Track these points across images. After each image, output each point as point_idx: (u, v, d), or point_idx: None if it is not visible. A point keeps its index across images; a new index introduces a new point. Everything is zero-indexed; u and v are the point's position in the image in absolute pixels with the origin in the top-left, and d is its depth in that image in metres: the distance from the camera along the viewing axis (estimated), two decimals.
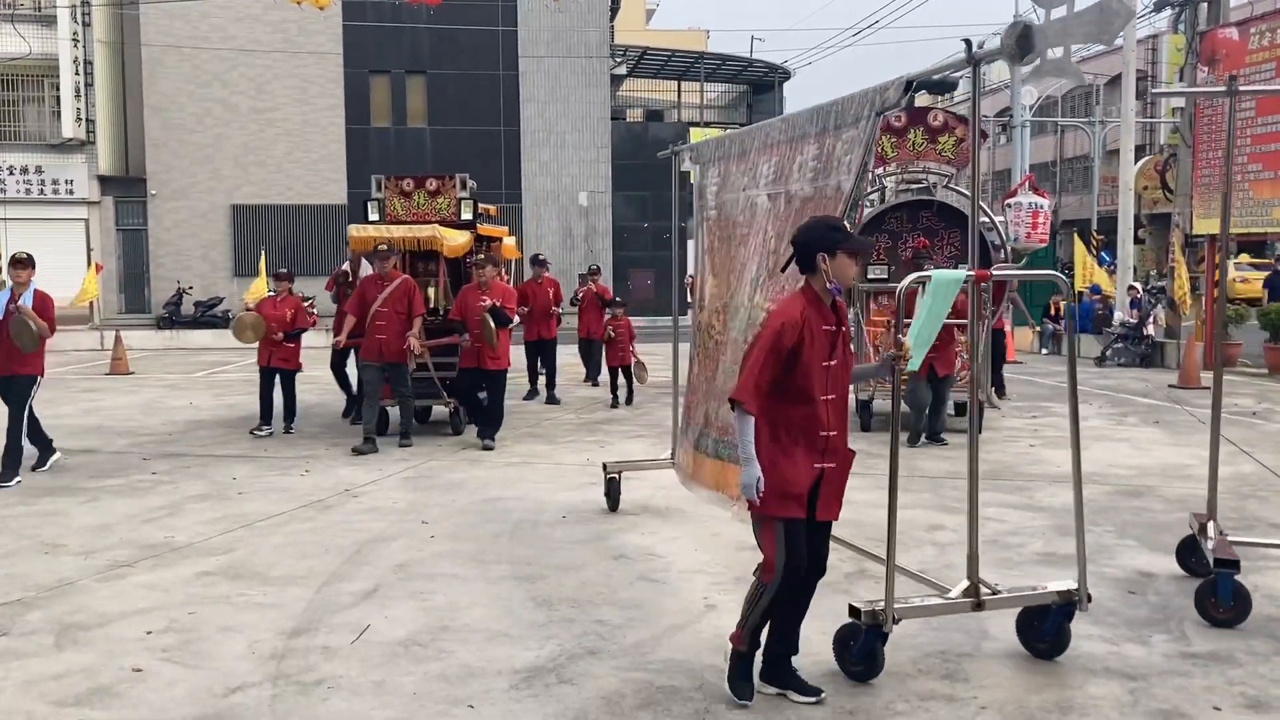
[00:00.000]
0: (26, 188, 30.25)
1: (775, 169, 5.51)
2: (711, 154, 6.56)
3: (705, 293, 6.45)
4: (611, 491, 7.34)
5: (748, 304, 5.61)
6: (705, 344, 6.35)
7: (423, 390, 10.43)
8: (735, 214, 6.00)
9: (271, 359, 10.59)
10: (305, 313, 10.87)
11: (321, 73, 31.34)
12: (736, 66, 39.80)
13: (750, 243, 5.72)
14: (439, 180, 10.86)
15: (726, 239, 6.11)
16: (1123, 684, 4.24)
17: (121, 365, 17.23)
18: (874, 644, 4.24)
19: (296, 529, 6.88)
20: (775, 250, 5.31)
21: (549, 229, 32.71)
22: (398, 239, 10.07)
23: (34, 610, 5.25)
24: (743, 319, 5.63)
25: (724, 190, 6.24)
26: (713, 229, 6.40)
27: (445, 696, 4.17)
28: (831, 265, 3.98)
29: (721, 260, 6.19)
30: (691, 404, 6.52)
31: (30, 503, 7.67)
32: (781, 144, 5.48)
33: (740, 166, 6.02)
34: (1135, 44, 21.07)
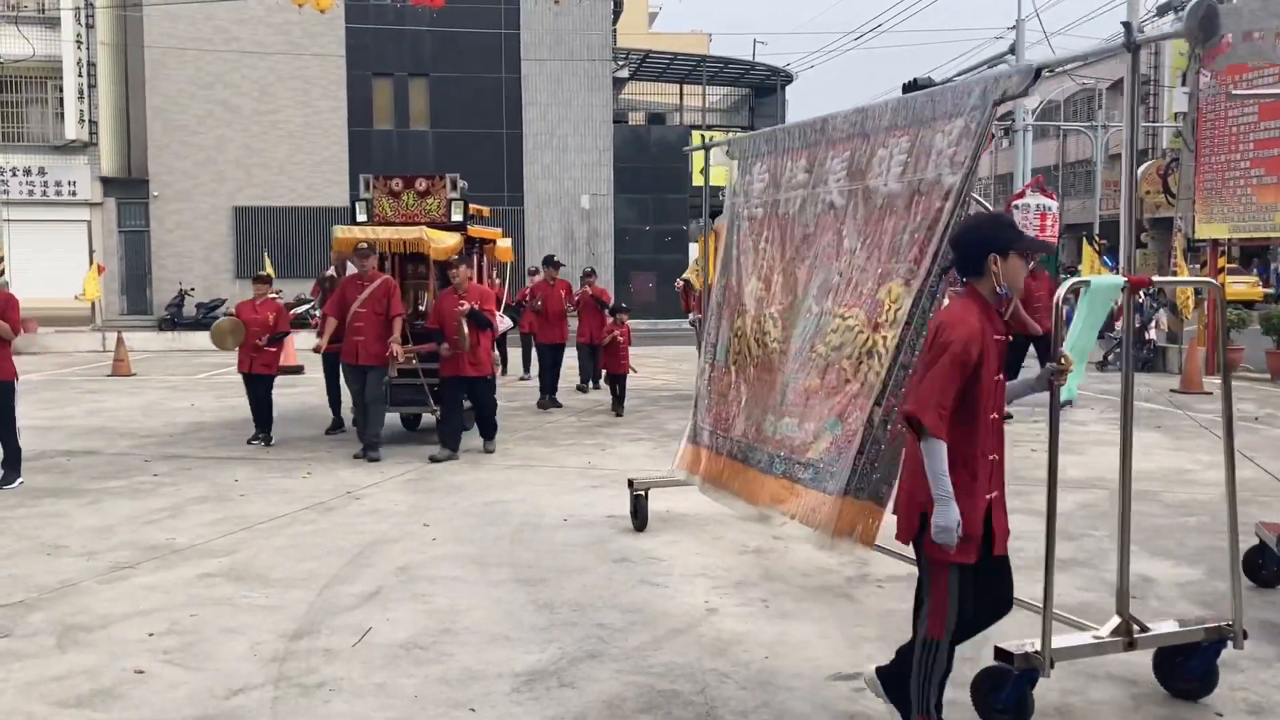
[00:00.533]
0: (29, 189, 30.27)
1: (847, 164, 5.15)
2: (754, 149, 6.17)
3: (743, 296, 6.04)
4: (639, 509, 6.88)
5: (816, 310, 5.20)
6: (748, 350, 5.92)
7: (410, 397, 10.12)
8: (792, 212, 5.62)
9: (254, 365, 10.16)
10: (286, 316, 10.51)
11: (324, 75, 31.36)
12: (739, 70, 39.81)
13: (817, 243, 5.34)
14: (429, 180, 10.51)
15: (780, 239, 5.72)
16: (1125, 689, 4.24)
17: (123, 367, 17.23)
18: (1024, 690, 3.88)
19: (298, 531, 6.88)
20: (852, 251, 5.00)
21: (551, 231, 32.72)
22: (384, 241, 9.74)
23: (36, 611, 5.25)
24: (808, 327, 5.24)
25: (775, 188, 5.84)
26: (757, 228, 6.00)
27: (446, 699, 4.17)
28: (1003, 267, 3.60)
29: (771, 261, 5.80)
30: (722, 413, 6.09)
31: (32, 504, 7.68)
32: (854, 138, 5.13)
33: (796, 162, 5.65)
34: None
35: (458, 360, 9.36)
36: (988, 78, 4.31)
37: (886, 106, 4.96)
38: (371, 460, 9.23)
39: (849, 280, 4.97)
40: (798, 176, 5.60)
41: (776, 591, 5.52)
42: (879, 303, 4.73)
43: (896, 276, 4.65)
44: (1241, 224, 15.73)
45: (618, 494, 7.94)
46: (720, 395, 6.19)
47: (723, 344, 6.27)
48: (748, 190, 6.17)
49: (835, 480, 4.73)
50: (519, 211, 32.40)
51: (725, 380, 6.16)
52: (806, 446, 5.00)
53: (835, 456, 4.79)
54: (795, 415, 5.19)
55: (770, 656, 4.60)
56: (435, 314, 9.57)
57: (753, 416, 5.69)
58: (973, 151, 4.32)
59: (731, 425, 5.95)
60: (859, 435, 4.61)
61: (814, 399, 5.05)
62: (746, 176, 6.20)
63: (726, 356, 6.19)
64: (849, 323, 4.90)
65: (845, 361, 4.86)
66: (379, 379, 9.49)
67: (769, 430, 5.45)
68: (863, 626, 4.97)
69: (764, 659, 4.57)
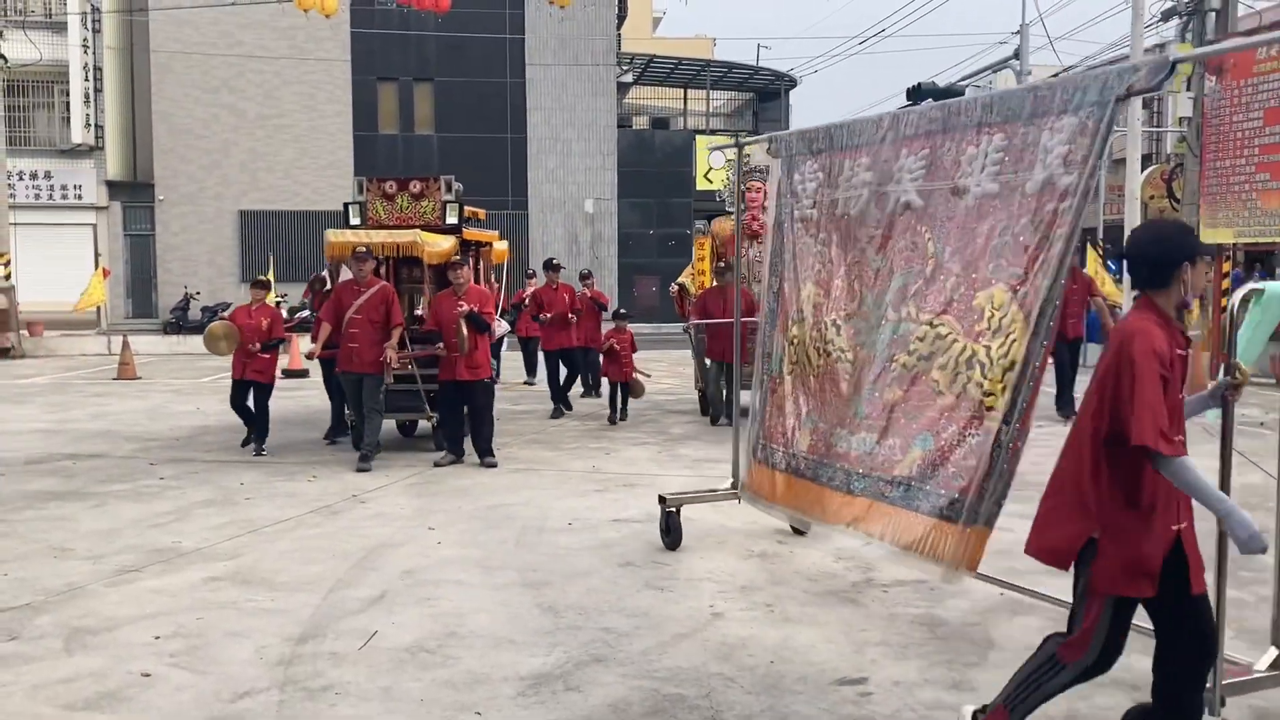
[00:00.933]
0: (36, 193, 30.37)
1: (926, 162, 4.81)
2: (803, 147, 5.79)
3: (798, 302, 5.70)
4: (672, 527, 6.46)
5: (894, 316, 4.86)
6: (807, 360, 5.56)
7: (406, 404, 9.91)
8: (853, 212, 5.27)
9: (246, 371, 9.95)
10: (282, 322, 10.23)
11: (329, 79, 31.45)
12: (743, 74, 39.83)
13: (889, 245, 4.99)
14: (423, 182, 10.29)
15: (840, 241, 5.39)
16: (1131, 695, 4.24)
17: (129, 370, 17.27)
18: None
19: (304, 534, 6.89)
20: (937, 254, 4.66)
21: (555, 236, 32.77)
22: (377, 244, 9.50)
23: (43, 614, 5.27)
24: (884, 335, 4.90)
25: (831, 187, 5.49)
26: (810, 229, 5.66)
27: (452, 703, 4.18)
28: (1191, 276, 3.42)
29: (830, 265, 5.46)
30: (780, 427, 5.75)
31: (38, 507, 7.70)
32: (933, 135, 4.79)
33: (856, 160, 5.29)
34: (1142, 53, 21.06)
35: (454, 364, 9.21)
36: (1109, 72, 4.03)
37: (975, 102, 4.65)
38: (361, 470, 9.00)
39: (935, 285, 4.63)
40: (859, 175, 5.27)
41: (782, 596, 5.52)
42: (977, 310, 4.41)
43: (999, 282, 4.33)
44: (1246, 229, 15.71)
45: (622, 498, 7.95)
46: (777, 408, 5.82)
47: (777, 354, 5.90)
48: (797, 190, 5.80)
49: (930, 500, 4.46)
50: (523, 216, 32.47)
51: (782, 392, 5.80)
52: (893, 463, 4.70)
53: (929, 474, 4.51)
54: (874, 430, 4.86)
55: (776, 661, 4.60)
56: (433, 316, 9.43)
57: (819, 431, 5.35)
58: (1096, 150, 4.01)
59: (794, 440, 5.59)
60: (985, 455, 4.24)
61: (898, 412, 4.73)
62: (796, 175, 5.82)
63: (782, 367, 5.81)
64: (939, 330, 4.58)
65: (937, 372, 4.54)
66: (376, 388, 9.29)
67: (841, 445, 5.12)
68: (868, 631, 4.97)
69: (769, 663, 4.57)
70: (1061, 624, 5.03)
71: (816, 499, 5.29)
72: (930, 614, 5.21)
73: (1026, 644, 4.77)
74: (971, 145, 4.58)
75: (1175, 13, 19.69)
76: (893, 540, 4.63)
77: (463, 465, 9.31)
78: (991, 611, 5.24)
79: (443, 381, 9.40)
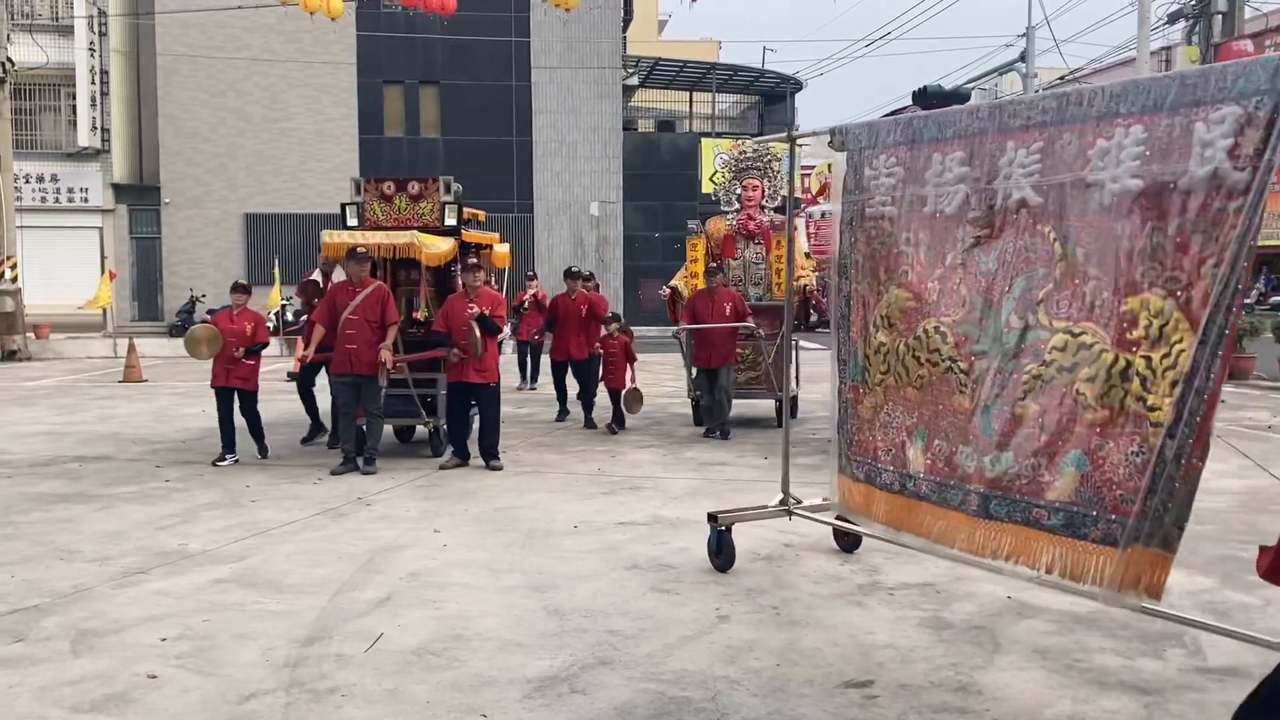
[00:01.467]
0: (42, 196, 30.48)
1: (1042, 155, 4.46)
2: (874, 139, 5.42)
3: (880, 306, 5.35)
4: (723, 547, 6.06)
5: (1018, 323, 4.50)
6: (904, 370, 5.17)
7: (401, 409, 9.78)
8: (948, 209, 4.92)
9: (229, 378, 9.55)
10: (265, 327, 9.90)
11: (335, 82, 31.52)
12: (748, 77, 39.88)
13: (1003, 246, 4.63)
14: (421, 183, 10.12)
15: (932, 241, 5.03)
16: (1137, 699, 4.23)
17: (135, 373, 17.30)
18: None
19: (310, 537, 6.90)
20: (1067, 256, 4.32)
21: (560, 239, 32.80)
22: (373, 246, 9.34)
23: (50, 616, 5.28)
24: (1010, 343, 4.52)
25: (915, 183, 5.13)
26: (888, 227, 5.30)
27: (458, 705, 4.18)
28: None
29: (920, 267, 5.10)
30: (869, 441, 5.41)
31: (45, 509, 7.72)
32: (1047, 126, 4.44)
33: (948, 153, 4.93)
34: (1149, 56, 21.05)
35: (463, 366, 9.17)
36: (1272, 59, 3.69)
37: (1099, 92, 4.28)
38: (366, 474, 8.98)
39: (1069, 289, 4.30)
40: (952, 170, 4.90)
41: (788, 599, 5.52)
42: (1128, 316, 4.09)
43: (1154, 287, 4.01)
44: None
45: (628, 501, 7.96)
46: (865, 420, 5.46)
47: (856, 362, 5.53)
48: (868, 185, 5.42)
49: (1100, 525, 4.15)
50: (529, 219, 32.50)
51: (870, 403, 5.43)
52: (1042, 486, 4.33)
53: (1093, 498, 4.17)
54: (1007, 447, 4.50)
55: (782, 664, 4.60)
56: (442, 318, 9.34)
57: (937, 448, 4.95)
58: (1273, 143, 3.66)
59: (905, 457, 5.17)
60: (1146, 473, 3.98)
61: (1033, 428, 4.41)
62: (867, 170, 5.43)
63: (864, 375, 5.45)
64: (1083, 339, 4.25)
65: (1084, 385, 4.22)
66: (376, 390, 9.18)
67: (969, 465, 4.71)
68: (874, 634, 4.97)
69: (775, 666, 4.57)
70: (1068, 629, 5.04)
71: (945, 526, 4.86)
72: (936, 617, 5.21)
73: (1032, 648, 4.77)
74: (1102, 138, 4.22)
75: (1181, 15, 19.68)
76: (1062, 572, 4.29)
77: (468, 468, 9.31)
78: (998, 615, 5.24)
79: (451, 383, 9.36)
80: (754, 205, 12.14)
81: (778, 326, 11.35)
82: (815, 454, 10.02)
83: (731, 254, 12.13)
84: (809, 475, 8.94)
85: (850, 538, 6.38)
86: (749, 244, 12.13)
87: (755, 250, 12.14)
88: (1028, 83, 32.34)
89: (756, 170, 12.22)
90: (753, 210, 12.11)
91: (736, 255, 12.15)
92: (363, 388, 9.16)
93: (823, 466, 9.32)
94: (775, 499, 6.40)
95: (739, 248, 12.18)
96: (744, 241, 12.13)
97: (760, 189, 12.19)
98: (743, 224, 12.13)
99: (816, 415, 12.78)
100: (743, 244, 12.15)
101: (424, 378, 9.72)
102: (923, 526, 5.03)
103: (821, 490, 8.20)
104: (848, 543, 6.44)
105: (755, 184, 12.16)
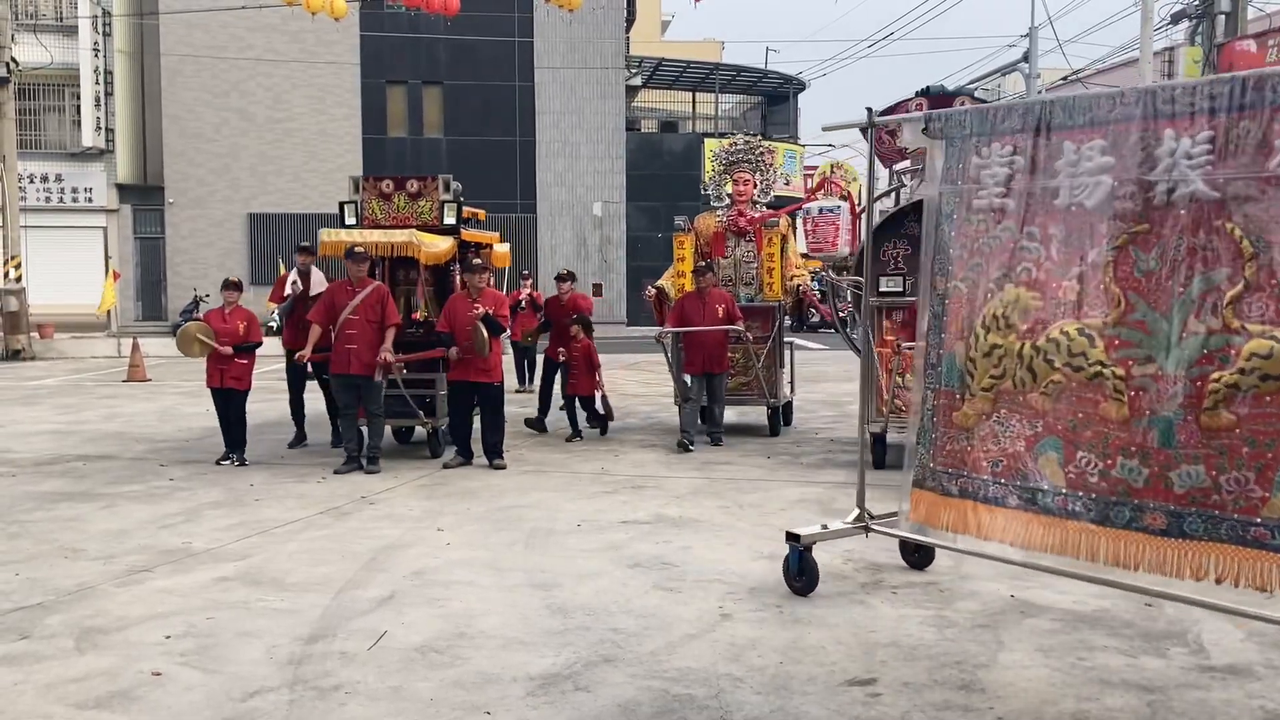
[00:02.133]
0: (46, 196, 30.55)
1: (1211, 144, 4.14)
2: (982, 126, 5.02)
3: (989, 305, 4.92)
4: (806, 568, 5.61)
5: (1199, 327, 4.14)
6: (1030, 375, 4.72)
7: (399, 409, 9.72)
8: (1093, 202, 4.52)
9: (224, 379, 9.42)
10: (259, 326, 9.77)
11: (338, 83, 31.55)
12: (751, 78, 39.89)
13: (1170, 242, 4.26)
14: (420, 182, 10.03)
15: (1071, 237, 4.62)
16: (1140, 696, 4.23)
17: (139, 372, 17.32)
18: None
19: (313, 535, 6.91)
20: (1255, 255, 4.01)
21: (563, 239, 32.82)
22: (372, 244, 9.28)
23: (54, 614, 5.29)
24: (1190, 348, 4.17)
25: (1039, 173, 4.75)
26: (1002, 220, 4.90)
27: (462, 703, 4.19)
28: None
29: (1047, 263, 4.70)
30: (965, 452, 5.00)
31: (49, 508, 7.73)
32: (1216, 113, 4.13)
33: (1088, 141, 4.56)
34: (1152, 56, 21.04)
35: (466, 365, 9.15)
36: None
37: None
38: (370, 473, 8.99)
39: (1264, 291, 3.99)
40: (1092, 159, 4.53)
41: (790, 597, 5.52)
42: None
43: None
44: None
45: (631, 500, 7.96)
46: (960, 430, 5.04)
47: (954, 366, 5.08)
48: (977, 176, 5.03)
49: None
50: (531, 219, 32.53)
51: (970, 411, 5.00)
52: (1256, 502, 3.99)
53: None
54: (1198, 460, 4.15)
55: (785, 662, 4.60)
56: (446, 317, 9.29)
57: (1080, 460, 4.53)
58: None
59: (1015, 470, 4.78)
60: None
61: (1230, 440, 4.06)
62: (975, 159, 5.05)
63: (964, 380, 5.02)
64: None
65: None
66: (376, 390, 9.16)
67: (1136, 480, 4.32)
68: (877, 633, 4.97)
69: (779, 664, 4.57)
70: (1072, 627, 5.04)
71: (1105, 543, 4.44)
72: (939, 615, 5.21)
73: (1036, 646, 4.77)
74: None
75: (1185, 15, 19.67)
76: None
77: (471, 467, 9.32)
78: (1001, 614, 5.24)
79: (454, 382, 9.34)
80: (745, 201, 11.59)
81: (770, 328, 11.04)
82: (819, 454, 10.03)
83: (721, 252, 11.58)
84: (813, 474, 8.96)
85: (921, 554, 5.99)
86: (740, 241, 11.55)
87: (746, 248, 11.57)
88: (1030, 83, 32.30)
89: (748, 164, 11.67)
90: (744, 206, 11.56)
91: (727, 254, 11.58)
92: (363, 388, 9.15)
93: (825, 466, 9.36)
94: (851, 515, 5.89)
95: (729, 246, 11.60)
96: (734, 239, 11.57)
97: (752, 183, 11.64)
98: (733, 220, 11.57)
99: (818, 415, 12.78)
100: (733, 241, 11.59)
101: (421, 378, 9.67)
102: (1071, 546, 4.56)
103: (836, 493, 8.23)
104: (919, 559, 6.04)
105: (746, 178, 11.60)
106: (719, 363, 10.51)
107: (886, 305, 9.15)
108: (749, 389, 11.10)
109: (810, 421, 12.21)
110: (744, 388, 11.13)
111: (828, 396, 14.77)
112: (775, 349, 11.08)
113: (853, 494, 6.18)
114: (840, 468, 9.25)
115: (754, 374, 10.94)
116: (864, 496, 5.83)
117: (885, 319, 9.24)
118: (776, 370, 11.16)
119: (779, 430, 11.21)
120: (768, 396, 10.99)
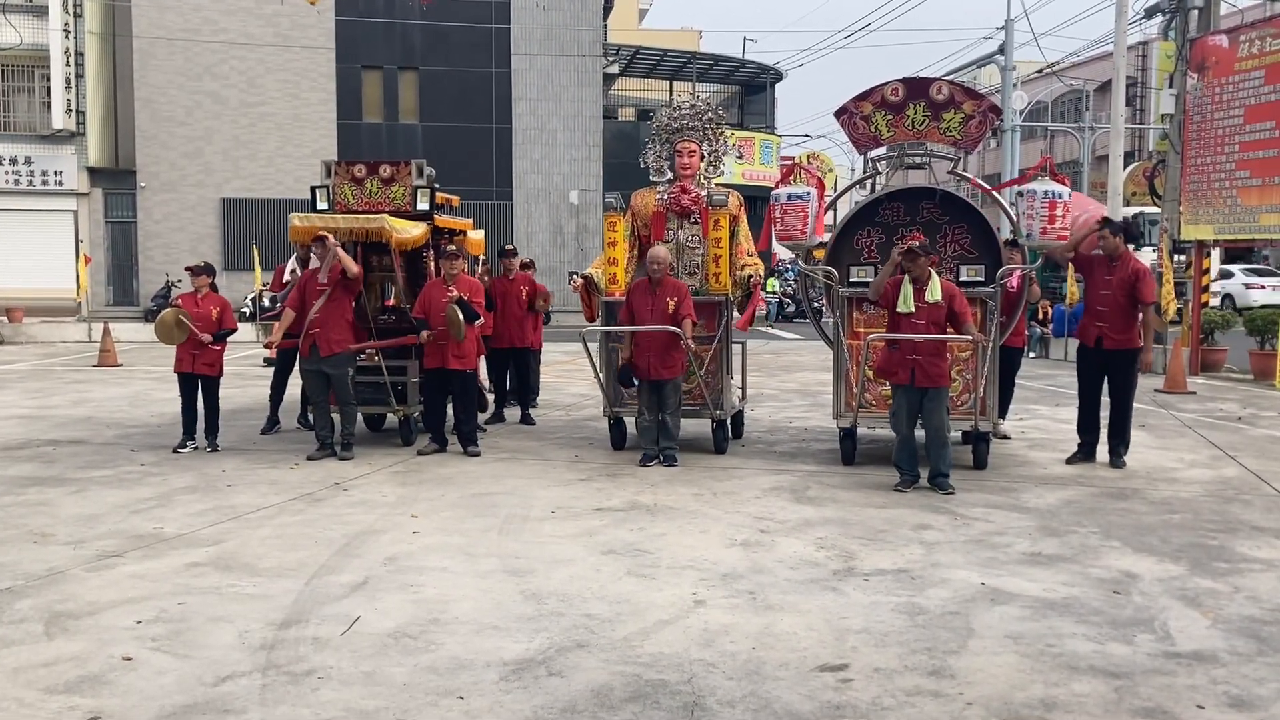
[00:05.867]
0: (15, 178, 30.14)
1: None
2: None
3: None
4: None
5: None
6: None
7: (372, 396, 9.66)
8: None
9: (196, 364, 9.27)
10: (231, 312, 9.56)
11: (313, 67, 31.28)
12: (728, 67, 39.89)
13: None
14: (393, 167, 9.91)
15: None
16: (1107, 682, 4.28)
17: (110, 357, 17.18)
18: None
19: (286, 521, 6.88)
20: None
21: (539, 226, 32.73)
22: (343, 230, 9.21)
23: (23, 599, 5.25)
24: None
25: None
26: None
27: (435, 687, 4.19)
28: None
29: None
30: None
31: (18, 493, 7.66)
32: None
33: None
34: (1125, 50, 21.18)
35: (441, 351, 9.11)
36: None
37: None
38: (344, 459, 8.95)
39: None
40: None
41: (764, 584, 5.55)
42: None
43: None
44: (1226, 226, 15.84)
45: (605, 487, 7.97)
46: None
47: None
48: None
49: None
50: (508, 206, 32.41)
51: None
52: None
53: None
54: None
55: (757, 647, 4.63)
56: (421, 303, 9.25)
57: None
58: None
59: None
60: None
61: None
62: None
63: None
64: None
65: None
66: (345, 377, 9.10)
67: None
68: (849, 619, 5.01)
69: (751, 650, 4.60)
70: (1041, 615, 5.10)
71: None
72: (911, 602, 5.25)
73: (1006, 632, 4.82)
74: None
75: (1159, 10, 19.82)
76: None
77: (446, 454, 9.30)
78: (971, 601, 5.29)
79: (428, 369, 9.31)
80: (690, 175, 9.68)
81: (715, 327, 9.29)
82: (792, 443, 10.06)
83: (661, 235, 9.73)
84: (786, 463, 8.99)
85: None
86: (682, 223, 9.72)
87: (690, 232, 9.72)
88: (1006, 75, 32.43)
89: (694, 131, 9.79)
90: (688, 182, 9.68)
91: (668, 237, 9.71)
92: (333, 380, 9.09)
93: (799, 455, 9.38)
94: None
95: (670, 228, 9.75)
96: (676, 220, 9.73)
97: (698, 154, 9.75)
98: (675, 198, 9.69)
99: (792, 404, 12.83)
100: (675, 223, 9.74)
101: (396, 364, 9.63)
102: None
103: (810, 481, 8.25)
104: None
105: (692, 148, 9.70)
106: (669, 367, 8.74)
107: (858, 296, 8.86)
108: (691, 398, 9.31)
109: (784, 410, 12.25)
110: (686, 396, 9.22)
111: (801, 386, 14.84)
112: (721, 351, 9.36)
113: (826, 482, 6.21)
114: (813, 456, 9.28)
115: (695, 381, 9.22)
116: None
117: (855, 310, 8.96)
118: (723, 376, 9.38)
119: (724, 448, 9.42)
120: (712, 408, 9.29)
